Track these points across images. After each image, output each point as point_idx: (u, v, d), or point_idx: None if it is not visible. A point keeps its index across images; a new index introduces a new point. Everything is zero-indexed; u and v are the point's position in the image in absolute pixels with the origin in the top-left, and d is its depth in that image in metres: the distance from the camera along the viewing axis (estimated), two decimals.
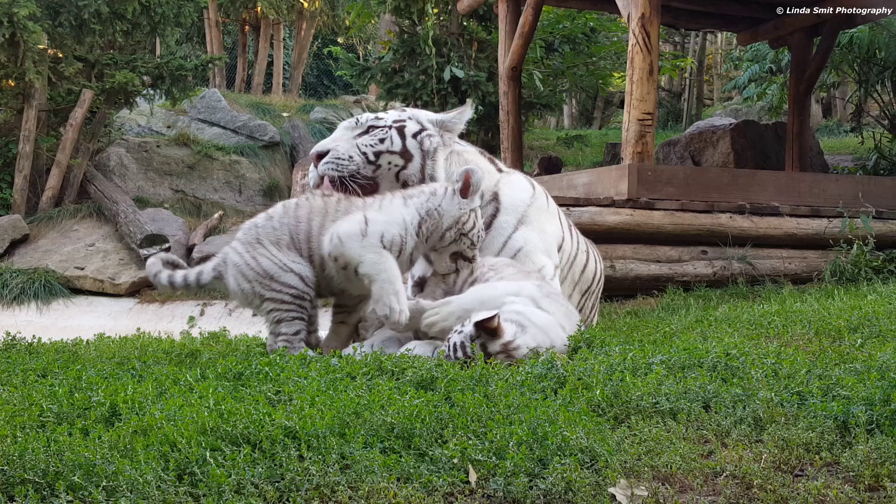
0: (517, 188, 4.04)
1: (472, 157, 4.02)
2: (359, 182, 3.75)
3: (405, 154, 3.80)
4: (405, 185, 3.78)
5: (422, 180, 3.79)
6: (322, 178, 3.78)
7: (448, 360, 3.02)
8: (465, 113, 3.96)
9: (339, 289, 3.55)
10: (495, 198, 3.93)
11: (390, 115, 3.92)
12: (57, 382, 2.72)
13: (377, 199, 3.54)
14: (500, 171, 4.11)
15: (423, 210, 3.45)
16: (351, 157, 3.76)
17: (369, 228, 3.33)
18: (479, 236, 3.53)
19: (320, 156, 3.78)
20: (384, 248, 3.32)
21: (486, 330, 3.03)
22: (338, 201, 3.52)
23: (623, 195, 6.22)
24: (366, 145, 3.79)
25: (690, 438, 2.24)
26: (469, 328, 3.06)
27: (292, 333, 3.40)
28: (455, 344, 3.07)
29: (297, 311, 3.41)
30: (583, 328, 3.49)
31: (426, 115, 3.96)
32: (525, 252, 3.81)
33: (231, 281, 3.46)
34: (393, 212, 3.43)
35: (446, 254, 3.53)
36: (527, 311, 3.23)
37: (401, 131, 3.83)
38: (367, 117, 3.89)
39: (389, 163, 3.79)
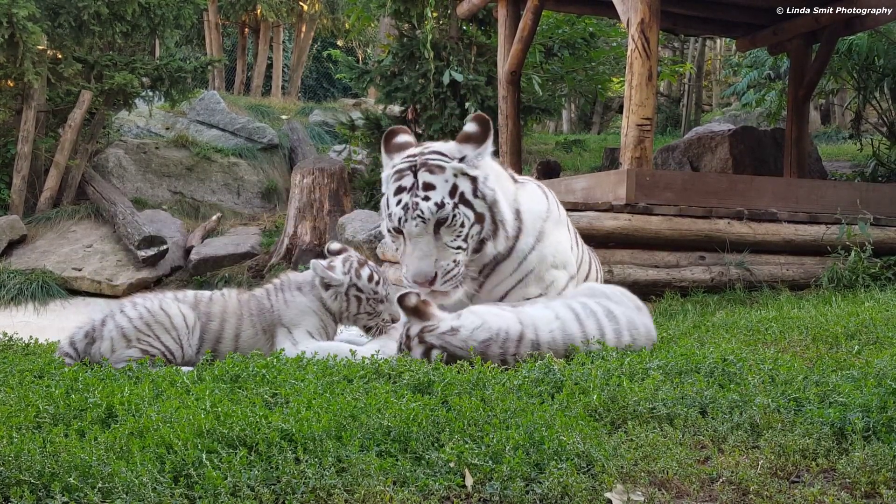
0: (534, 202, 3.94)
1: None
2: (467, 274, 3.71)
3: (479, 218, 3.66)
4: (483, 242, 3.69)
5: (495, 231, 3.69)
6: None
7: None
8: (489, 141, 3.71)
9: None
10: (517, 216, 3.82)
11: (440, 188, 3.59)
12: (53, 383, 2.72)
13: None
14: (514, 181, 3.98)
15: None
16: (456, 261, 3.62)
17: None
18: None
19: (431, 281, 3.57)
20: None
21: (407, 308, 3.23)
22: (248, 299, 3.51)
23: (621, 200, 6.22)
24: (456, 239, 3.62)
25: (687, 444, 2.24)
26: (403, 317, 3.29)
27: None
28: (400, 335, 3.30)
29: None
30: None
31: (467, 158, 3.67)
32: (536, 273, 3.82)
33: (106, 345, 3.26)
34: None
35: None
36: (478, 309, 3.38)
37: (463, 199, 3.62)
38: (429, 212, 3.56)
39: (474, 236, 3.68)
